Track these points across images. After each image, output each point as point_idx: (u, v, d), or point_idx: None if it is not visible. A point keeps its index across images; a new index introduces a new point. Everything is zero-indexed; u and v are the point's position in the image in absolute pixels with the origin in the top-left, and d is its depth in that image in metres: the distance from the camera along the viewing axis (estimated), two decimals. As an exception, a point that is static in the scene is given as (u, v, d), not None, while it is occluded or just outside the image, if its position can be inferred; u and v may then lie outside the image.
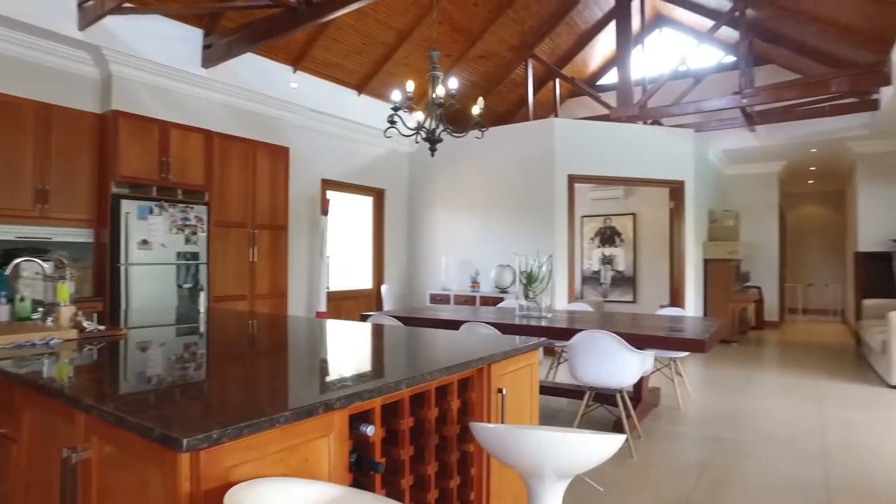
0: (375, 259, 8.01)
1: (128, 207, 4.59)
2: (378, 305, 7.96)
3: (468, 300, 7.38)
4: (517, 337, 2.39)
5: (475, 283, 7.50)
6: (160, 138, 4.96)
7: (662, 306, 8.17)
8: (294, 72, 6.31)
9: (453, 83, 3.67)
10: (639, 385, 4.00)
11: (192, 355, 2.02)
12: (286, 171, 6.18)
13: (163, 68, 5.02)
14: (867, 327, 6.23)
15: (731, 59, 8.45)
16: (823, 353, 7.06)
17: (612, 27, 8.14)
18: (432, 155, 3.93)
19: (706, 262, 7.87)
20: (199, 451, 1.06)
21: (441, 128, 3.77)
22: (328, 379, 1.62)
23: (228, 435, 1.09)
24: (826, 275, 12.11)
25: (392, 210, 8.08)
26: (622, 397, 3.45)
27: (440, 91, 3.63)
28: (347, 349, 2.18)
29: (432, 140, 3.78)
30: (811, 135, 7.85)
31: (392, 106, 3.65)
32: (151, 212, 4.73)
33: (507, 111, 9.33)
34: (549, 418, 4.11)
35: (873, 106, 6.74)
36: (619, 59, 7.57)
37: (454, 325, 3.89)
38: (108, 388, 1.49)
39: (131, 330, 2.58)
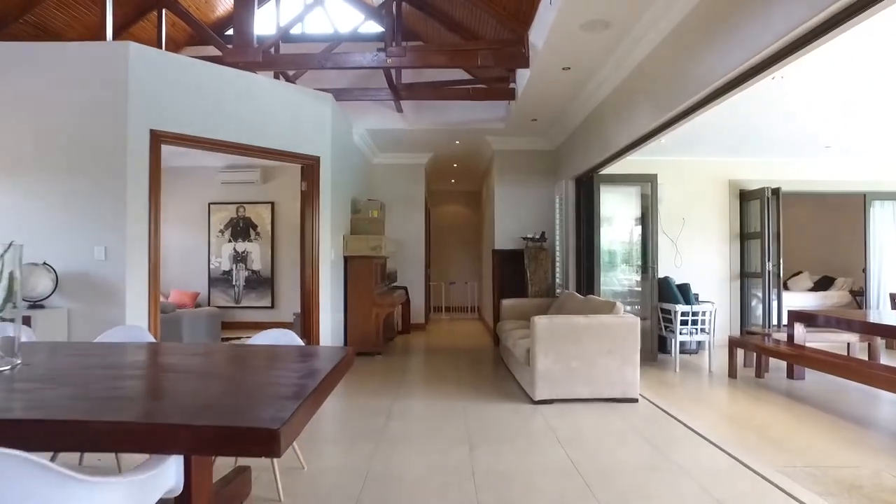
0: None
1: None
2: None
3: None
4: None
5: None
6: None
7: (296, 315, 6.55)
8: None
9: None
10: (190, 488, 2.08)
11: None
12: None
13: None
14: (508, 330, 5.71)
15: (380, 29, 7.39)
16: (467, 360, 6.44)
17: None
18: None
19: (347, 259, 6.55)
20: None
21: None
22: None
23: None
24: (465, 273, 12.50)
25: None
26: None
27: None
28: None
29: None
30: (455, 124, 7.29)
31: None
32: None
33: (80, 40, 6.40)
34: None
35: (511, 95, 6.38)
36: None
37: None
38: None
39: None
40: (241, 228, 9.23)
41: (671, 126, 4.21)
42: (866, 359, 5.90)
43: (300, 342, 2.92)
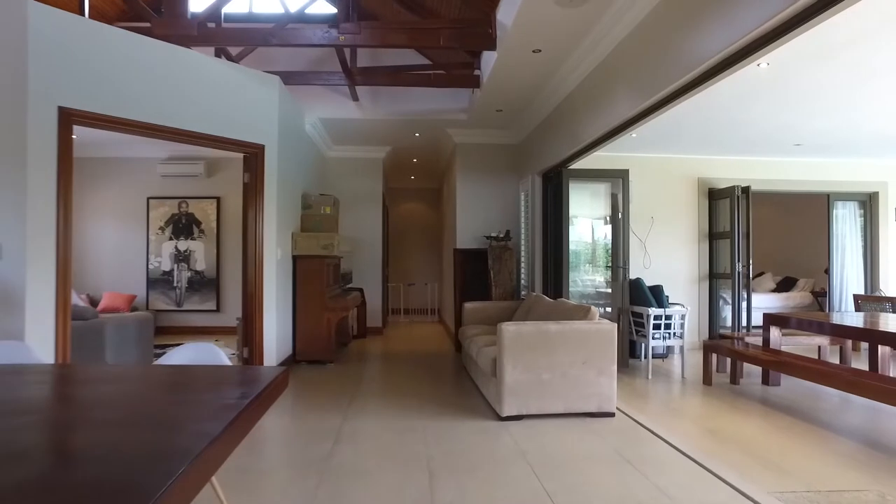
0: None
1: None
2: None
3: None
4: None
5: None
6: None
7: (239, 320, 5.95)
8: None
9: None
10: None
11: None
12: None
13: None
14: (471, 336, 5.26)
15: (333, 10, 6.83)
16: (427, 368, 5.96)
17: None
18: None
19: (296, 258, 5.98)
20: None
21: None
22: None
23: None
24: (425, 274, 12.02)
25: None
26: None
27: None
28: None
29: None
30: (415, 114, 6.81)
31: None
32: None
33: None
34: None
35: (475, 83, 5.94)
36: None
37: None
38: None
39: None
40: (183, 225, 8.51)
41: (652, 114, 3.84)
42: (837, 362, 5.73)
43: (224, 360, 2.40)
